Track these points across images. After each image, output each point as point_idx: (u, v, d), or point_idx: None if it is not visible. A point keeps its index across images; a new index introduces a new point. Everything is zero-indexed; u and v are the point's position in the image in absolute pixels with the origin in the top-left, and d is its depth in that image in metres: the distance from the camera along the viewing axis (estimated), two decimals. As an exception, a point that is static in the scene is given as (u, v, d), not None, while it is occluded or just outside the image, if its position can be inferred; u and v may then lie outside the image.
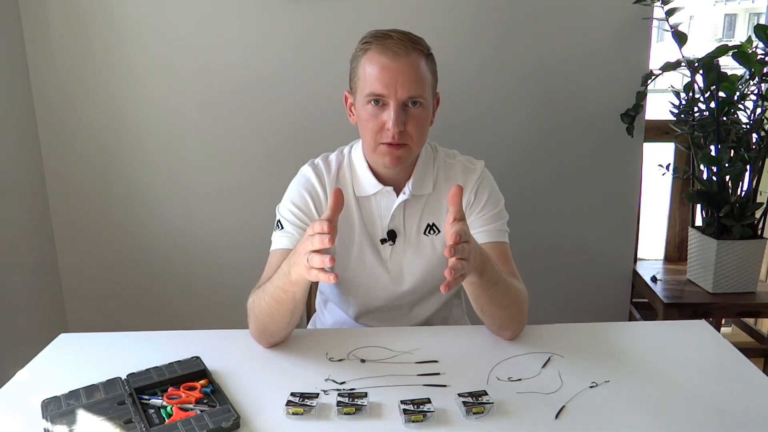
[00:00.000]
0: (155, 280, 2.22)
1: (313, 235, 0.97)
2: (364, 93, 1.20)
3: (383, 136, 1.20)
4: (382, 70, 1.17)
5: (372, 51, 1.19)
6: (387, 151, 1.22)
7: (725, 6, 18.31)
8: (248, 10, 2.00)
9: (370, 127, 1.21)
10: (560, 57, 2.06)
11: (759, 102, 1.88)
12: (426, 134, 1.26)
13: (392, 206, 1.29)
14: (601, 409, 0.97)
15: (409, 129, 1.20)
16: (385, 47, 1.18)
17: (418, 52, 1.19)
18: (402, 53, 1.17)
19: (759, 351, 2.30)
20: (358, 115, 1.24)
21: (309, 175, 1.31)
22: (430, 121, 1.27)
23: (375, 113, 1.20)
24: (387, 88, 1.17)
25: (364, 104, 1.21)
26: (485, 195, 1.30)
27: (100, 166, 2.13)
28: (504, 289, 1.13)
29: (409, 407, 0.94)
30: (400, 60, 1.17)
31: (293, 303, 1.11)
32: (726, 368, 1.11)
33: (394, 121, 1.17)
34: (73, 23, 2.00)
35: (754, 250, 1.93)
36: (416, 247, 1.31)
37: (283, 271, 1.08)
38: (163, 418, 0.95)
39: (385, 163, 1.24)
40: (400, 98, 1.17)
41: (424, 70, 1.20)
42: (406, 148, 1.22)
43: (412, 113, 1.20)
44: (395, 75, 1.16)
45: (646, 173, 2.20)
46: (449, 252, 0.95)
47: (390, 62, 1.17)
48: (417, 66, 1.18)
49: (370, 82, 1.18)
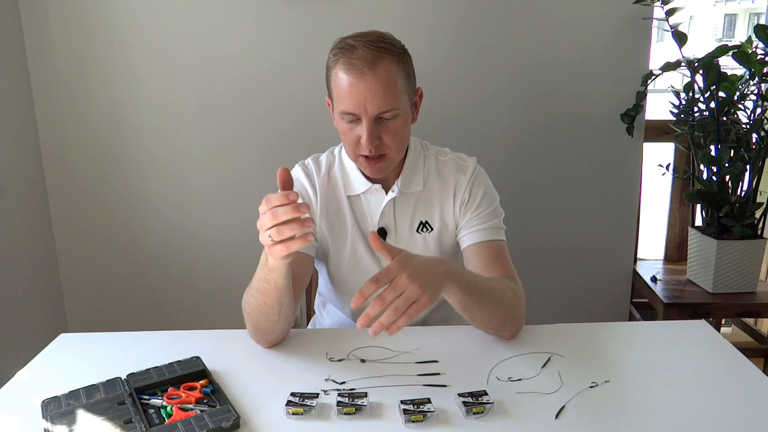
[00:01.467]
0: (155, 280, 2.22)
1: (267, 211, 0.92)
2: (338, 109, 1.19)
3: (360, 149, 1.21)
4: (350, 89, 1.15)
5: (339, 65, 1.16)
6: (366, 164, 1.23)
7: (725, 6, 18.32)
8: (248, 9, 2.00)
9: (347, 140, 1.22)
10: (560, 57, 2.06)
11: (759, 102, 1.88)
12: (406, 138, 1.25)
13: (381, 204, 1.29)
14: (601, 409, 0.97)
15: (385, 140, 1.19)
16: (350, 64, 1.14)
17: (387, 60, 1.15)
18: (368, 69, 1.13)
19: (759, 351, 2.30)
20: (337, 124, 1.24)
21: (299, 175, 1.32)
22: (413, 118, 1.27)
23: (350, 128, 1.20)
24: (357, 107, 1.16)
25: (339, 118, 1.21)
26: (480, 193, 1.30)
27: (99, 166, 2.13)
28: (483, 297, 1.10)
29: (409, 407, 0.94)
30: (366, 77, 1.14)
31: (278, 292, 1.08)
32: (726, 368, 1.11)
33: (367, 138, 1.17)
34: (73, 23, 2.01)
35: (754, 250, 1.93)
36: (409, 245, 1.30)
37: (262, 260, 1.06)
38: (163, 418, 0.95)
39: (367, 174, 1.25)
40: (371, 115, 1.16)
41: (395, 78, 1.17)
42: (385, 158, 1.22)
43: (387, 125, 1.19)
44: (363, 93, 1.14)
45: (646, 173, 2.20)
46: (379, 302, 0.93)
47: (356, 81, 1.14)
48: (385, 78, 1.15)
49: (341, 100, 1.17)
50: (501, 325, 1.17)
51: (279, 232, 0.92)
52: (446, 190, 1.30)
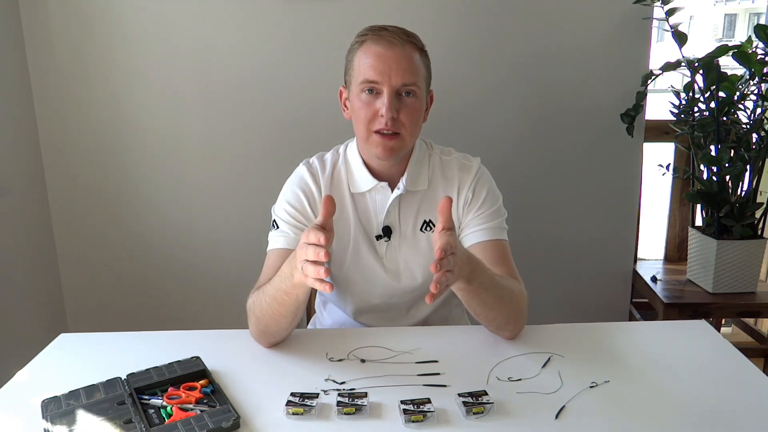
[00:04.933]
0: (155, 280, 2.22)
1: (309, 244, 0.97)
2: (358, 81, 1.22)
3: (376, 124, 1.21)
4: (376, 58, 1.19)
5: (368, 42, 1.22)
6: (379, 141, 1.22)
7: (725, 6, 18.32)
8: (248, 9, 2.00)
9: (362, 116, 1.22)
10: (560, 57, 2.06)
11: (759, 102, 1.88)
12: (419, 127, 1.27)
13: (387, 202, 1.29)
14: (601, 409, 0.97)
15: (402, 117, 1.21)
16: (380, 38, 1.21)
17: (413, 45, 1.23)
18: (397, 43, 1.20)
19: (759, 351, 2.30)
20: (352, 106, 1.25)
21: (303, 174, 1.32)
22: (424, 117, 1.28)
23: (368, 101, 1.21)
24: (381, 75, 1.19)
25: (357, 93, 1.22)
26: (483, 192, 1.30)
27: (100, 166, 2.13)
28: (496, 293, 1.12)
29: (409, 407, 0.94)
30: (395, 49, 1.19)
31: (296, 305, 1.11)
32: (726, 368, 1.11)
33: (387, 107, 1.19)
34: (73, 23, 2.00)
35: (754, 250, 1.93)
36: (412, 244, 1.31)
37: (285, 273, 1.08)
38: (163, 418, 0.95)
39: (378, 154, 1.24)
40: (393, 85, 1.19)
41: (419, 62, 1.23)
42: (399, 138, 1.22)
43: (406, 102, 1.21)
44: (389, 62, 1.19)
45: (646, 173, 2.20)
46: (434, 267, 0.94)
47: (384, 51, 1.19)
48: (411, 56, 1.21)
49: (365, 70, 1.20)
50: (504, 324, 1.17)
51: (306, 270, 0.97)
52: (450, 189, 1.31)
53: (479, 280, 1.08)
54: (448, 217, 1.01)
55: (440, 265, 0.95)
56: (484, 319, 1.17)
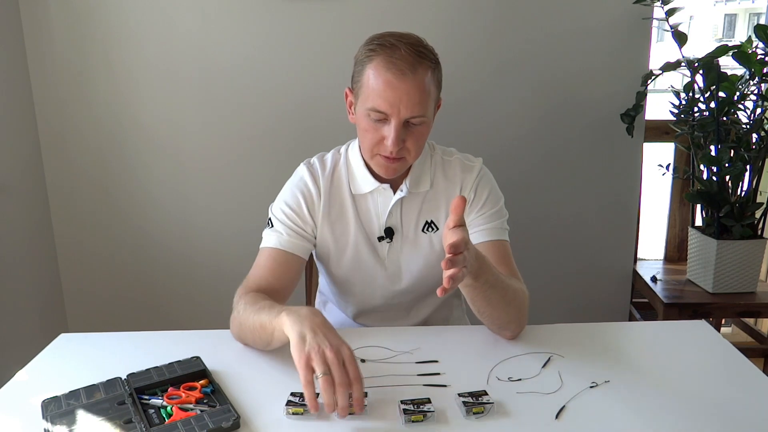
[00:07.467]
0: (155, 280, 2.22)
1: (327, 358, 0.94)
2: (366, 105, 1.17)
3: (381, 149, 1.20)
4: (386, 88, 1.14)
5: (378, 62, 1.15)
6: (383, 163, 1.22)
7: (725, 6, 18.32)
8: (248, 11, 2.00)
9: (368, 138, 1.20)
10: (560, 57, 2.06)
11: (759, 102, 1.88)
12: (424, 144, 1.25)
13: (389, 204, 1.29)
14: (601, 409, 0.97)
15: (408, 144, 1.19)
16: (392, 62, 1.13)
17: (425, 66, 1.15)
18: (409, 71, 1.13)
19: (759, 351, 2.30)
20: (358, 120, 1.22)
21: (303, 174, 1.31)
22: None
23: (375, 126, 1.18)
24: (391, 107, 1.14)
25: (364, 114, 1.18)
26: (485, 193, 1.30)
27: (100, 166, 2.13)
28: (501, 291, 1.12)
29: (409, 407, 0.94)
30: (407, 80, 1.13)
31: (274, 343, 1.08)
32: (726, 368, 1.11)
33: (393, 140, 1.16)
34: (73, 23, 2.01)
35: (754, 250, 1.93)
36: (414, 245, 1.31)
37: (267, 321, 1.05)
38: (163, 418, 0.95)
39: (380, 173, 1.25)
40: (402, 117, 1.15)
41: (429, 86, 1.17)
42: (403, 161, 1.22)
43: (412, 130, 1.18)
44: (399, 95, 1.13)
45: (646, 173, 2.20)
46: (446, 264, 0.94)
47: (396, 81, 1.13)
48: (422, 85, 1.15)
49: (374, 98, 1.15)
50: (506, 324, 1.17)
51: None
52: (452, 189, 1.30)
53: (485, 277, 1.08)
54: (461, 215, 1.00)
55: (455, 261, 0.95)
56: (487, 317, 1.17)
